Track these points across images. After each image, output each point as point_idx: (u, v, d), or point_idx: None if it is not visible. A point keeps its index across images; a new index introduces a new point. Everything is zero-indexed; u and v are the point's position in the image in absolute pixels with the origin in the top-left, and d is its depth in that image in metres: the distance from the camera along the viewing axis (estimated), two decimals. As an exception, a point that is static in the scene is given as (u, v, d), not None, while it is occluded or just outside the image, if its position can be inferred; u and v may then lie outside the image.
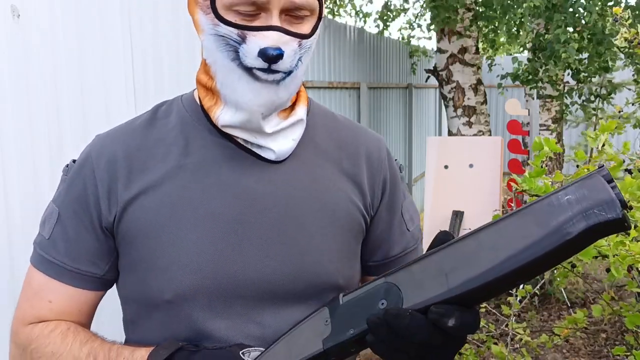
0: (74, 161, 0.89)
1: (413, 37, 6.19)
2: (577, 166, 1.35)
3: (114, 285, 0.90)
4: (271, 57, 0.76)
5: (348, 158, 0.92)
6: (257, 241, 0.82)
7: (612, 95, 4.90)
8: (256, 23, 0.76)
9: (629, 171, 1.45)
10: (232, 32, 0.76)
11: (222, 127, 0.83)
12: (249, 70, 0.77)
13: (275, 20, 0.76)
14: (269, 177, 0.85)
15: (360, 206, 0.90)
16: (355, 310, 0.64)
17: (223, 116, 0.82)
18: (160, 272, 0.81)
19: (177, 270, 0.80)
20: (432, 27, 4.68)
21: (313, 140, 0.91)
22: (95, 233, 0.84)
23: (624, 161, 1.31)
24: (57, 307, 0.85)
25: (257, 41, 0.76)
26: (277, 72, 0.78)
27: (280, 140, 0.85)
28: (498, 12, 4.30)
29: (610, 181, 0.52)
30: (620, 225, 0.50)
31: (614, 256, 1.11)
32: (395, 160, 1.00)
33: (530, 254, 0.52)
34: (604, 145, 1.27)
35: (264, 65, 0.77)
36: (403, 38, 6.63)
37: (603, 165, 0.56)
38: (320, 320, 0.67)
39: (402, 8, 5.69)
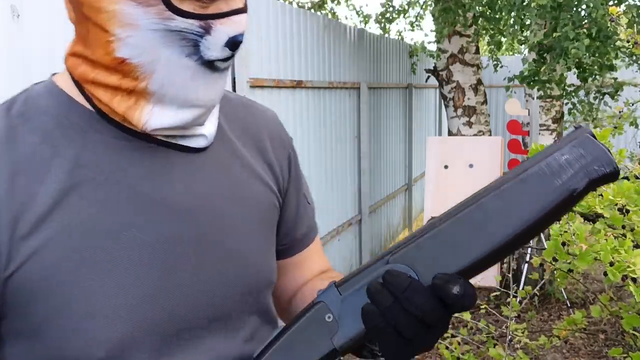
0: None
1: (425, 44, 6.18)
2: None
3: None
4: (238, 44, 0.67)
5: (253, 140, 0.83)
6: (191, 259, 0.70)
7: (619, 93, 4.90)
8: (212, 10, 0.65)
9: (626, 178, 1.45)
10: (193, 25, 0.64)
11: (153, 131, 0.68)
12: (209, 63, 0.66)
13: (239, 2, 0.67)
14: (190, 178, 0.72)
15: (276, 191, 0.84)
16: (361, 300, 0.61)
17: (155, 119, 0.67)
18: (83, 327, 0.63)
19: (104, 319, 0.64)
20: (444, 31, 4.63)
21: (219, 127, 0.78)
22: None
23: (619, 170, 1.31)
24: None
25: (225, 30, 0.65)
26: (232, 57, 0.68)
27: (207, 123, 0.75)
28: (502, 13, 4.28)
29: (594, 137, 0.59)
30: (615, 176, 0.57)
31: (610, 264, 1.11)
32: None
33: (540, 212, 0.57)
34: None
35: (229, 54, 0.67)
36: (402, 38, 6.63)
37: (581, 125, 0.62)
38: (319, 318, 0.62)
39: (402, 9, 5.68)
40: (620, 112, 4.01)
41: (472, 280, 0.62)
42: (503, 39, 5.67)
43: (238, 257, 0.75)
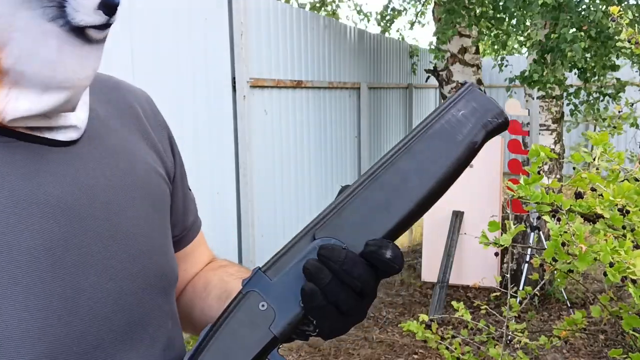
0: None
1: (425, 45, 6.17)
2: (574, 168, 1.35)
3: None
4: (114, 7, 0.56)
5: (131, 121, 0.73)
6: (94, 265, 0.61)
7: (620, 93, 4.90)
8: None
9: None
10: None
11: (11, 122, 0.57)
12: (79, 30, 0.55)
13: None
14: (73, 173, 0.62)
15: (166, 179, 0.75)
16: (295, 281, 0.58)
17: (14, 106, 0.55)
18: None
19: (11, 348, 0.54)
20: (449, 32, 4.62)
21: (91, 109, 0.67)
22: None
23: (620, 172, 1.31)
24: None
25: None
26: (109, 25, 0.57)
27: (78, 110, 0.63)
28: (505, 13, 4.29)
29: (482, 90, 0.60)
30: (506, 125, 0.63)
31: (610, 265, 1.11)
32: None
33: (449, 166, 0.61)
34: (599, 157, 1.27)
35: (103, 20, 0.56)
36: (402, 38, 6.64)
37: (465, 81, 0.67)
38: (252, 308, 0.58)
39: (402, 9, 5.69)
40: (619, 112, 4.00)
41: (473, 281, 0.62)
42: (507, 40, 5.67)
43: (143, 256, 0.66)
